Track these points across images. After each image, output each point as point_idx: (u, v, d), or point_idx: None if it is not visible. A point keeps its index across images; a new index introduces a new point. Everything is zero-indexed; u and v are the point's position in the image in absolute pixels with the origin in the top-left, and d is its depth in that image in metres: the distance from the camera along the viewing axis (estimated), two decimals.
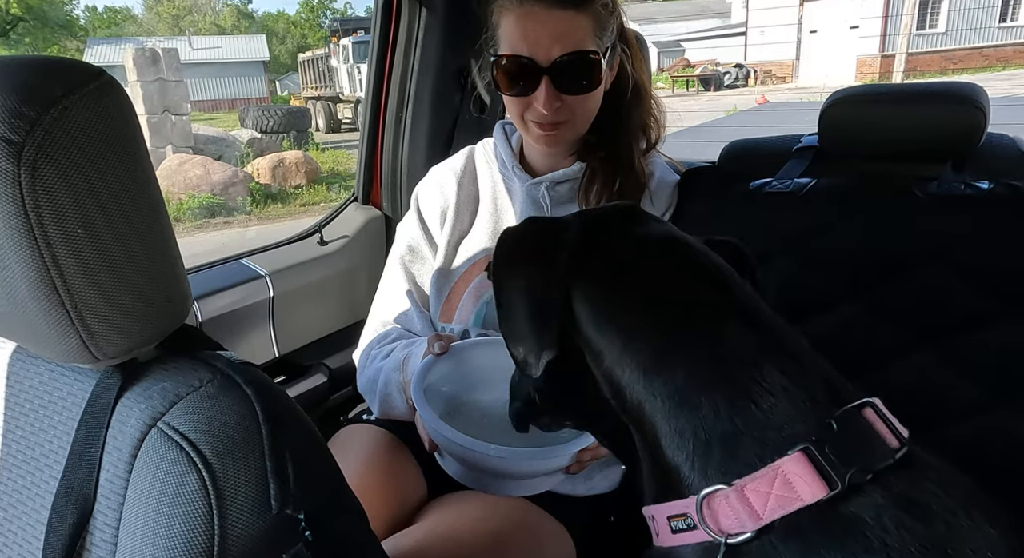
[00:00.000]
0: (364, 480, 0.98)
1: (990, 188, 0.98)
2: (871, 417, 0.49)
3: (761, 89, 18.73)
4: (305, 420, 0.54)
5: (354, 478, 0.96)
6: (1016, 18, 18.98)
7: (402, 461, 1.05)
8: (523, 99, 1.01)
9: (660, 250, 0.60)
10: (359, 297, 1.52)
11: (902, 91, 1.10)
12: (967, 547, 0.44)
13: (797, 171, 1.13)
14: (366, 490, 0.96)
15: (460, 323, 1.13)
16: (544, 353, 0.57)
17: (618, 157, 1.09)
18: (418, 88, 1.47)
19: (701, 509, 0.49)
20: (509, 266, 0.62)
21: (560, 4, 0.95)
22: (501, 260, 0.62)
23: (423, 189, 1.23)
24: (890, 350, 1.00)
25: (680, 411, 0.52)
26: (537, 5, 0.96)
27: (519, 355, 0.59)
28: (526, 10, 0.97)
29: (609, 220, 0.63)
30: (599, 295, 0.58)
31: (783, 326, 0.55)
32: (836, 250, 1.05)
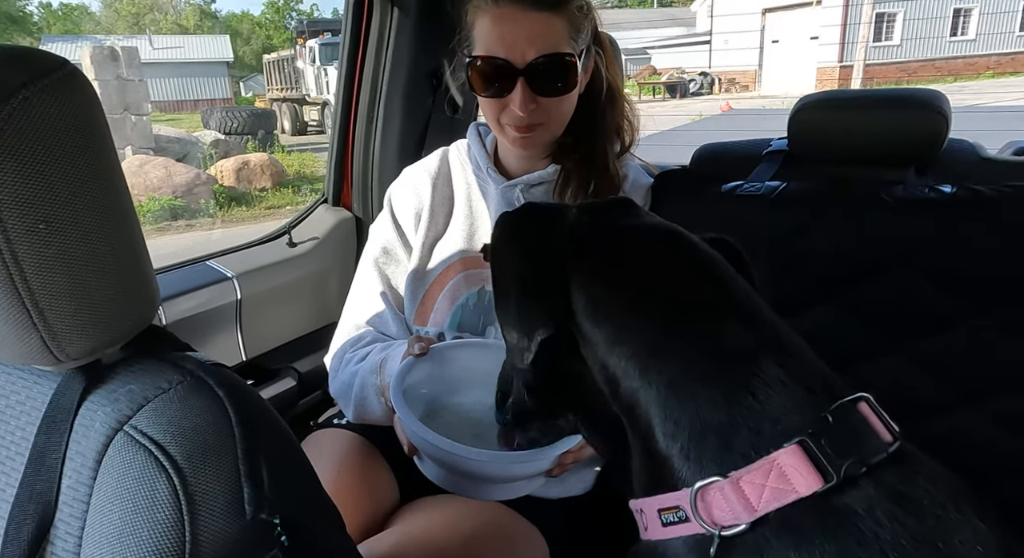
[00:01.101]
0: (336, 485, 0.96)
1: (953, 192, 1.01)
2: (866, 411, 0.49)
3: (725, 97, 19.10)
4: (279, 423, 0.52)
5: (325, 483, 0.94)
6: (966, 32, 19.75)
7: (374, 465, 1.03)
8: (498, 101, 1.01)
9: (660, 242, 0.60)
10: (329, 300, 1.49)
11: (868, 97, 1.13)
12: (956, 540, 0.44)
13: (768, 174, 1.15)
14: (338, 495, 0.92)
15: (435, 326, 1.12)
16: (538, 333, 0.56)
17: (593, 159, 1.10)
18: (390, 89, 1.45)
19: (695, 501, 0.49)
20: (507, 248, 0.61)
21: (536, 6, 0.95)
22: (500, 242, 0.62)
23: (396, 190, 1.21)
24: (860, 351, 1.02)
25: (676, 401, 0.51)
26: (513, 6, 0.95)
27: (513, 338, 0.58)
28: (502, 11, 0.96)
29: (608, 210, 0.63)
30: (597, 283, 0.57)
31: (780, 322, 0.55)
32: (807, 252, 1.07)
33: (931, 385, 0.98)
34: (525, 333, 0.56)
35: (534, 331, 0.56)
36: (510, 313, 0.58)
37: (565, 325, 0.57)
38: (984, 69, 19.05)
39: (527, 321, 0.56)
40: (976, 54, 19.40)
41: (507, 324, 0.58)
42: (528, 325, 0.56)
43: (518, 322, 0.57)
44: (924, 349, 0.99)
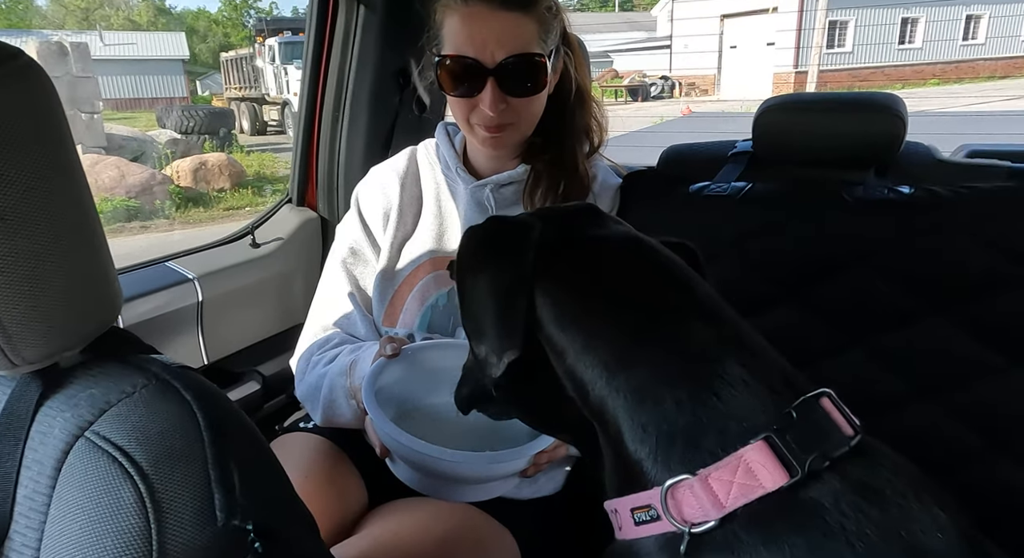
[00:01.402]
0: (303, 490, 0.92)
1: (911, 193, 1.04)
2: (828, 406, 0.51)
3: (686, 100, 19.42)
4: (250, 426, 0.51)
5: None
6: (913, 41, 20.50)
7: (342, 469, 1.01)
8: (468, 101, 1.00)
9: (623, 250, 0.61)
10: (294, 301, 1.46)
11: (828, 100, 1.16)
12: (919, 529, 0.45)
13: (733, 175, 1.17)
14: (305, 500, 0.91)
15: (405, 327, 1.11)
16: (508, 353, 0.56)
17: (562, 160, 1.10)
18: (356, 88, 1.44)
19: (665, 499, 0.50)
20: (474, 265, 0.61)
21: (506, 6, 0.95)
22: (466, 258, 0.62)
23: (364, 190, 1.20)
24: (822, 349, 1.04)
25: (643, 406, 0.52)
26: (483, 6, 0.95)
27: (482, 354, 0.58)
28: (471, 11, 0.96)
29: (573, 221, 0.63)
30: (564, 295, 0.58)
31: (741, 322, 0.57)
32: (772, 251, 1.09)
33: (890, 381, 1.01)
34: (494, 351, 0.57)
35: (503, 351, 0.56)
36: (479, 331, 0.58)
37: (533, 336, 0.58)
38: (930, 76, 19.79)
39: (497, 340, 0.57)
40: (923, 62, 20.14)
41: (475, 340, 0.59)
42: (498, 344, 0.57)
43: (486, 340, 0.57)
44: (883, 346, 1.01)
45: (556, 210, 0.67)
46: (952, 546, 0.45)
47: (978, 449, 0.96)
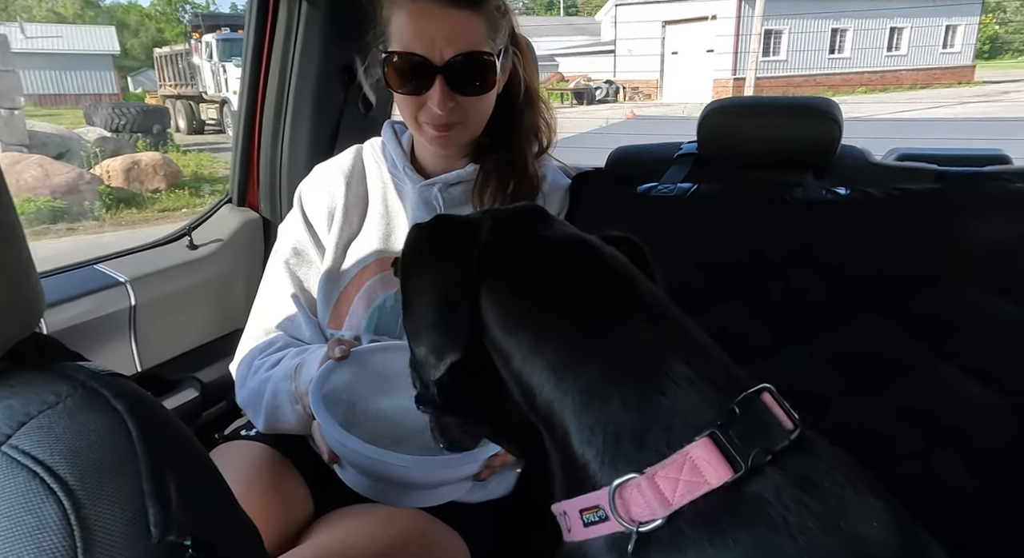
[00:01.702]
0: (245, 500, 0.88)
1: (847, 194, 1.08)
2: (769, 401, 0.52)
3: (630, 104, 19.79)
4: (187, 435, 0.48)
5: None
6: (842, 51, 21.50)
7: (286, 477, 0.98)
8: (416, 99, 0.99)
9: (568, 251, 0.61)
10: (234, 305, 1.41)
11: (769, 104, 1.20)
12: (856, 519, 0.47)
13: (679, 176, 1.19)
14: (248, 510, 0.88)
15: (351, 329, 1.08)
16: (448, 355, 0.56)
17: (512, 160, 1.09)
18: (298, 85, 1.40)
19: (613, 499, 0.50)
20: (418, 263, 0.60)
21: (454, 3, 0.94)
22: (410, 257, 0.61)
23: (307, 188, 1.16)
24: (764, 347, 1.07)
25: (590, 407, 0.52)
26: (431, 3, 0.94)
27: (421, 355, 0.57)
28: (420, 8, 0.95)
29: (518, 221, 0.63)
30: (509, 297, 0.57)
31: (685, 320, 0.57)
32: (717, 251, 1.11)
33: (829, 378, 1.04)
34: (434, 353, 0.56)
35: (444, 352, 0.56)
36: (419, 331, 0.57)
37: (478, 339, 0.57)
38: (858, 85, 20.77)
39: (436, 340, 0.56)
40: (851, 71, 21.13)
41: (415, 340, 0.58)
42: (437, 345, 0.56)
43: (427, 340, 0.56)
44: (822, 343, 1.05)
45: (503, 211, 0.66)
46: (886, 534, 0.46)
47: (912, 443, 1.00)
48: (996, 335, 0.97)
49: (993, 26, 35.96)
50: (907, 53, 22.02)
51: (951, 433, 0.99)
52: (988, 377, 0.98)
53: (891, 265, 1.03)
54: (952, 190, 1.05)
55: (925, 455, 1.00)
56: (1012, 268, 0.96)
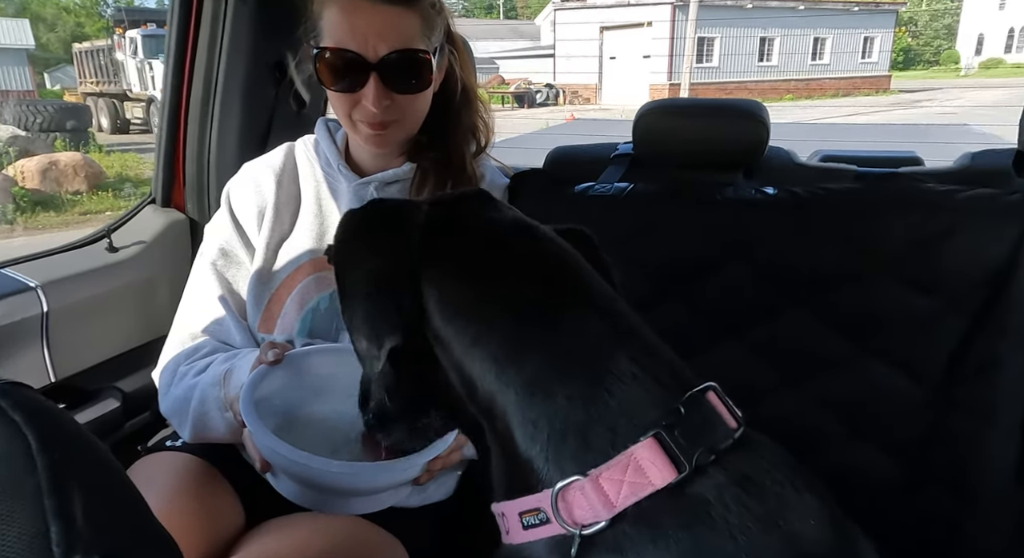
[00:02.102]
0: (169, 513, 0.86)
1: (775, 194, 1.12)
2: (713, 400, 0.52)
3: (570, 108, 20.04)
4: (96, 446, 0.45)
5: (158, 512, 0.83)
6: (771, 59, 22.42)
7: (215, 488, 0.94)
8: (351, 97, 0.97)
9: (513, 236, 0.59)
10: (159, 310, 1.34)
11: (701, 106, 1.23)
12: (794, 516, 0.47)
13: (616, 176, 1.21)
14: (173, 525, 0.82)
15: (283, 333, 1.05)
16: (388, 341, 0.53)
17: (449, 158, 1.08)
18: (227, 81, 1.35)
19: (556, 502, 0.49)
20: (353, 250, 0.57)
21: (388, 0, 0.92)
22: (344, 242, 0.58)
23: (236, 187, 1.12)
24: (699, 342, 1.10)
25: (534, 401, 0.51)
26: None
27: (362, 347, 0.55)
28: (352, 3, 0.93)
29: (462, 205, 0.61)
30: (452, 283, 0.55)
31: (632, 315, 0.56)
32: (652, 249, 1.13)
33: (762, 371, 1.08)
34: (374, 341, 0.54)
35: (383, 339, 0.54)
36: (357, 320, 0.55)
37: (419, 327, 0.55)
38: (785, 92, 21.68)
39: (375, 329, 0.54)
40: (779, 78, 22.06)
41: (355, 331, 0.55)
42: (377, 333, 0.54)
43: (366, 329, 0.54)
44: (754, 338, 1.08)
45: (444, 195, 0.64)
46: (821, 530, 0.47)
47: (836, 434, 1.05)
48: (913, 329, 1.02)
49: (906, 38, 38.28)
50: (830, 62, 23.16)
51: (873, 425, 1.04)
52: (906, 370, 1.02)
53: (816, 261, 1.07)
54: (871, 189, 1.10)
55: (850, 447, 1.04)
56: (926, 265, 1.01)
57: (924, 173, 1.16)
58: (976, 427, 0.98)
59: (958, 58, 37.28)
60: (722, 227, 1.12)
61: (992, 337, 0.98)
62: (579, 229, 0.65)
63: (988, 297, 0.98)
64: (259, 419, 0.80)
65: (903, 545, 0.98)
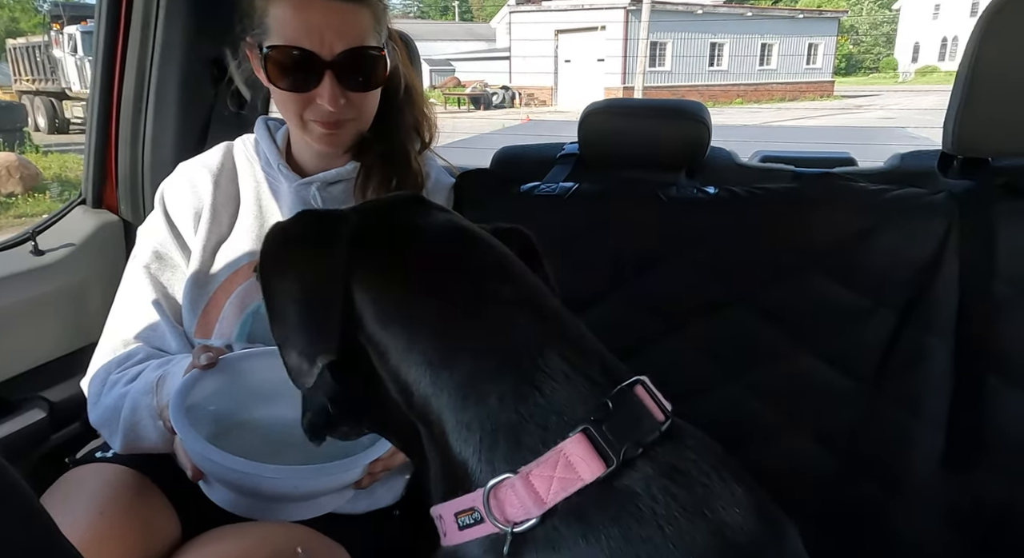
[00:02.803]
0: (99, 527, 0.83)
1: (715, 193, 1.14)
2: (641, 394, 0.52)
3: (526, 110, 20.13)
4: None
5: (85, 527, 0.82)
6: (721, 64, 22.99)
7: (148, 500, 0.91)
8: (303, 96, 0.95)
9: (445, 240, 0.59)
10: (89, 317, 1.28)
11: (644, 106, 1.25)
12: (719, 505, 0.48)
13: (561, 176, 1.22)
14: (103, 539, 0.81)
15: (221, 337, 1.01)
16: (320, 358, 0.53)
17: (394, 156, 1.07)
18: (160, 78, 1.30)
19: (488, 500, 0.49)
20: (280, 262, 0.56)
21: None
22: (270, 256, 0.57)
23: (170, 187, 1.09)
24: (645, 338, 1.11)
25: (466, 404, 0.51)
26: None
27: (292, 361, 0.54)
28: (303, 0, 0.90)
29: (391, 210, 0.60)
30: (382, 290, 0.55)
31: (564, 313, 0.57)
32: (598, 249, 1.14)
33: (702, 364, 1.10)
34: (305, 357, 0.53)
35: (316, 355, 0.53)
36: (288, 336, 0.54)
37: (353, 338, 0.55)
38: (735, 96, 22.25)
39: (307, 344, 0.53)
40: (729, 83, 22.63)
41: (284, 347, 0.54)
42: (309, 348, 0.53)
43: (297, 346, 0.53)
44: (695, 332, 1.10)
45: (375, 202, 0.64)
46: (747, 519, 0.48)
47: (774, 424, 1.08)
48: (844, 324, 1.06)
49: (848, 45, 39.75)
50: (776, 67, 23.87)
51: (809, 416, 1.07)
52: (839, 363, 1.06)
53: (754, 258, 1.10)
54: (806, 189, 1.13)
55: (787, 437, 1.07)
56: (856, 261, 1.05)
57: (857, 173, 1.20)
58: (903, 418, 1.02)
59: (896, 65, 38.95)
60: (665, 225, 1.14)
61: (919, 331, 1.01)
62: (517, 228, 0.66)
63: (914, 293, 1.02)
64: (190, 425, 0.78)
65: (838, 531, 1.01)
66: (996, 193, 1.02)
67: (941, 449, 0.99)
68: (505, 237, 0.63)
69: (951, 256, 1.00)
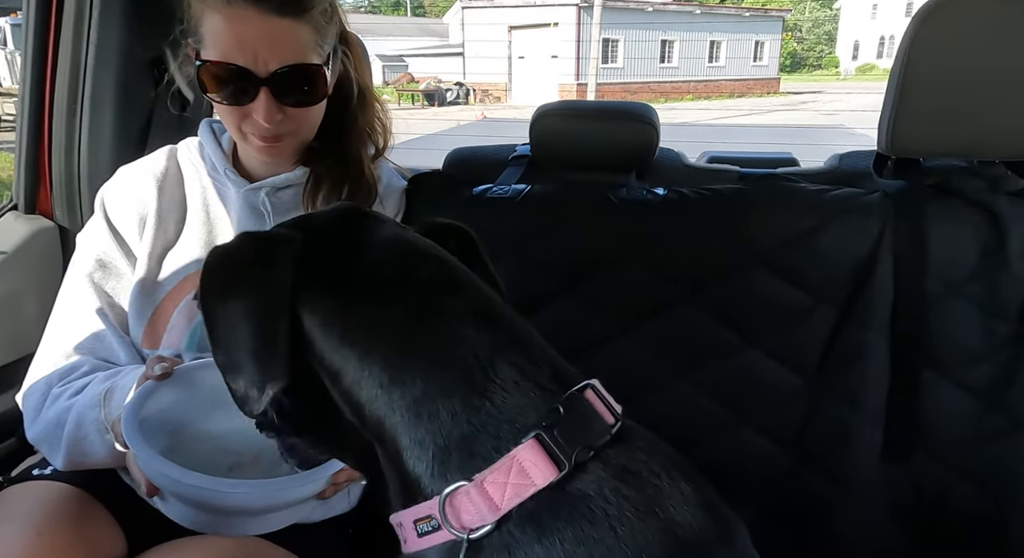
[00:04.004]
0: (38, 548, 0.80)
1: (664, 194, 1.16)
2: (591, 397, 0.53)
3: (481, 107, 20.08)
4: None
5: (23, 549, 0.79)
6: (671, 61, 23.38)
7: (91, 518, 0.88)
8: (239, 109, 0.92)
9: (391, 256, 0.59)
10: (23, 327, 1.22)
11: (593, 108, 1.26)
12: (670, 504, 0.50)
13: (514, 178, 1.22)
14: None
15: (170, 348, 0.99)
16: (269, 386, 0.52)
17: (346, 162, 1.06)
18: (96, 78, 1.25)
19: (444, 508, 0.49)
20: (223, 289, 0.55)
21: (278, 11, 0.87)
22: (213, 281, 0.55)
23: (112, 192, 1.05)
24: (598, 339, 1.13)
25: (419, 422, 0.52)
26: (250, 9, 0.87)
27: (240, 389, 0.53)
28: (236, 13, 0.87)
29: (334, 226, 0.60)
30: (330, 311, 0.55)
31: (514, 319, 0.57)
32: (550, 251, 1.15)
33: (654, 363, 1.12)
34: (254, 385, 0.52)
35: (265, 384, 0.52)
36: (234, 365, 0.53)
37: (303, 360, 0.54)
38: (686, 93, 22.65)
39: (255, 373, 0.52)
40: (679, 79, 23.03)
41: (231, 376, 0.53)
42: (257, 378, 0.52)
43: (245, 375, 0.52)
44: (647, 332, 1.12)
45: (316, 217, 0.62)
46: (696, 517, 0.50)
47: (724, 421, 1.10)
48: (789, 321, 1.09)
49: (792, 43, 40.91)
50: (725, 65, 24.40)
51: (757, 412, 1.10)
52: (785, 360, 1.09)
53: (702, 258, 1.12)
54: (750, 190, 1.17)
55: (737, 433, 1.10)
56: (798, 260, 1.08)
57: (798, 173, 1.24)
58: (845, 413, 1.06)
59: (838, 62, 40.31)
60: (616, 227, 1.15)
61: (857, 328, 1.05)
62: (455, 225, 0.66)
63: (853, 290, 1.06)
64: (144, 440, 0.76)
65: (790, 526, 1.05)
66: (927, 193, 1.07)
67: (880, 442, 1.03)
68: (443, 234, 0.64)
69: (886, 255, 1.04)
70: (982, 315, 1.02)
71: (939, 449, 1.03)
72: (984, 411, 1.02)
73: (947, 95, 1.00)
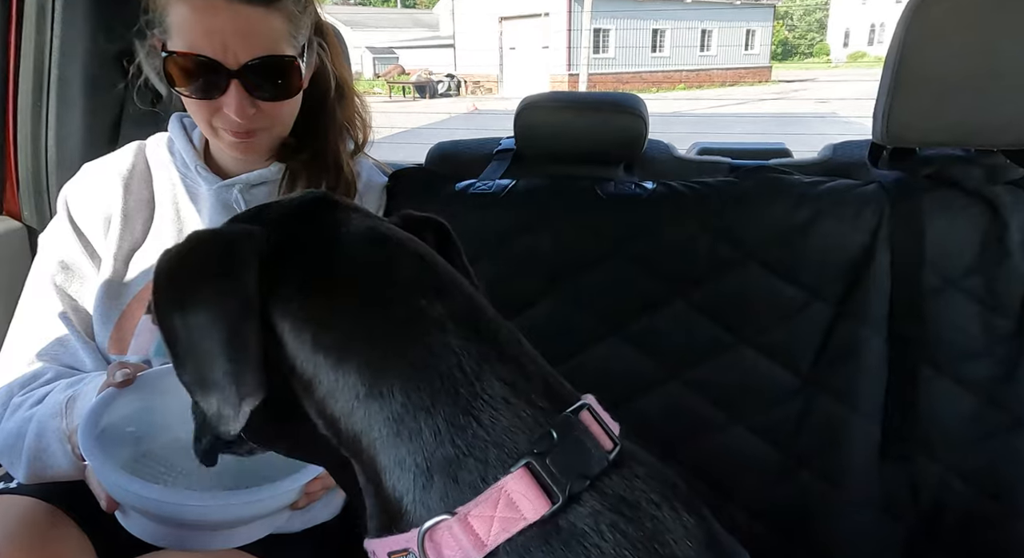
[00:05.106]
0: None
1: (654, 188, 1.13)
2: (587, 420, 0.49)
3: (472, 98, 19.98)
4: None
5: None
6: (663, 50, 23.31)
7: (59, 533, 0.84)
8: (209, 104, 0.89)
9: (367, 252, 0.53)
10: None
11: (580, 100, 1.23)
12: (670, 539, 0.46)
13: (498, 172, 1.19)
14: None
15: (137, 353, 0.95)
16: (245, 402, 0.47)
17: (324, 158, 1.02)
18: (62, 72, 1.21)
19: (423, 543, 0.45)
20: (180, 300, 0.49)
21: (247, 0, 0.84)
22: (167, 291, 0.49)
23: (74, 191, 1.01)
24: (585, 338, 1.10)
25: (399, 440, 0.47)
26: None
27: (212, 408, 0.48)
28: (204, 1, 0.83)
29: (299, 217, 0.54)
30: (302, 315, 0.49)
31: (502, 328, 0.53)
32: (535, 247, 1.12)
33: (644, 362, 1.09)
34: (228, 403, 0.47)
35: (240, 399, 0.47)
36: (203, 380, 0.48)
37: (274, 368, 0.49)
38: (678, 82, 22.60)
39: (228, 387, 0.47)
40: (671, 69, 22.97)
41: (201, 394, 0.48)
42: (230, 392, 0.47)
43: (216, 390, 0.47)
44: (636, 330, 1.09)
45: (279, 207, 0.56)
46: (699, 553, 0.46)
47: (717, 419, 1.08)
48: (783, 317, 1.06)
49: (783, 32, 40.90)
50: (716, 54, 24.36)
51: (750, 410, 1.07)
52: (778, 357, 1.06)
53: (693, 254, 1.09)
54: (742, 182, 1.13)
55: (730, 432, 1.07)
56: (792, 254, 1.05)
57: (791, 165, 1.21)
58: (841, 410, 1.03)
59: (829, 50, 40.31)
60: (603, 223, 1.12)
61: (853, 323, 1.02)
62: (432, 219, 0.62)
63: (848, 285, 1.03)
64: (101, 451, 0.72)
65: (784, 526, 1.02)
66: (924, 184, 1.04)
67: (877, 440, 1.01)
68: (419, 228, 0.59)
69: (882, 247, 1.01)
70: (981, 309, 1.00)
71: (937, 447, 1.01)
72: (983, 408, 1.01)
73: (944, 83, 0.97)
